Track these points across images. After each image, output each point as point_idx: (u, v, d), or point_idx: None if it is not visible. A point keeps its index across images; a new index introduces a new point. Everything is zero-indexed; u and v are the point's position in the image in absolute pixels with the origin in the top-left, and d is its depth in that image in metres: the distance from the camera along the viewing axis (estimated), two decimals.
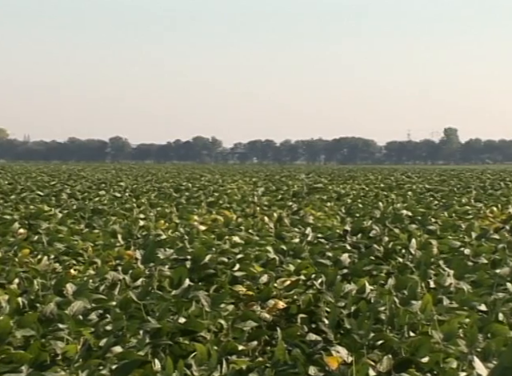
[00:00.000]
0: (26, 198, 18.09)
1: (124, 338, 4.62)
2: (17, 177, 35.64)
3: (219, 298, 5.23)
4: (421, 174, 48.72)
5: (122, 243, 9.15)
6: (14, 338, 4.57)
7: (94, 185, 27.22)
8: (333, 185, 28.70)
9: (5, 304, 5.32)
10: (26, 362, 4.19)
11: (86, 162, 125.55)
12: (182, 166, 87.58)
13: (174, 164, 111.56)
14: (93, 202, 17.27)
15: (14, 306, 5.33)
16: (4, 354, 4.26)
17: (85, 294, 5.58)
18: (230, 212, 13.90)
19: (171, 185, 27.63)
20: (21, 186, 25.28)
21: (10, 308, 5.29)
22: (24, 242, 8.99)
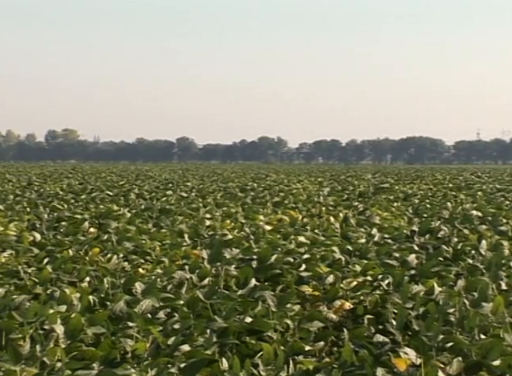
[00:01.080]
0: (96, 197, 18.40)
1: (191, 337, 4.66)
2: (87, 177, 36.27)
3: (285, 298, 5.23)
4: (491, 173, 47.90)
5: (189, 243, 9.24)
6: (86, 336, 4.66)
7: (162, 185, 27.52)
8: (399, 185, 28.43)
9: (76, 302, 5.43)
10: (97, 359, 4.27)
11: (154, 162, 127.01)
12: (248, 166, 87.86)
13: (240, 164, 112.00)
14: (160, 201, 17.47)
15: (85, 304, 5.43)
16: (76, 351, 4.34)
17: (153, 292, 5.65)
18: (296, 212, 13.89)
19: (237, 185, 27.75)
20: (91, 186, 25.72)
21: (82, 306, 5.39)
22: (94, 240, 9.15)
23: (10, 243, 8.75)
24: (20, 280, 6.62)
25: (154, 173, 45.60)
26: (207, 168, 65.40)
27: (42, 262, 7.44)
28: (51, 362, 4.18)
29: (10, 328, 4.64)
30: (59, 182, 29.84)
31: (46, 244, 8.81)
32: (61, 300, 5.51)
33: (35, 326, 4.75)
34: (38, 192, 21.33)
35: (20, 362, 4.03)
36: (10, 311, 4.94)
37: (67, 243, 8.90)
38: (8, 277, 6.67)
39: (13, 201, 17.07)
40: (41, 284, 6.39)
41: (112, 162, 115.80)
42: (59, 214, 12.87)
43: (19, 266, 7.04)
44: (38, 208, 14.65)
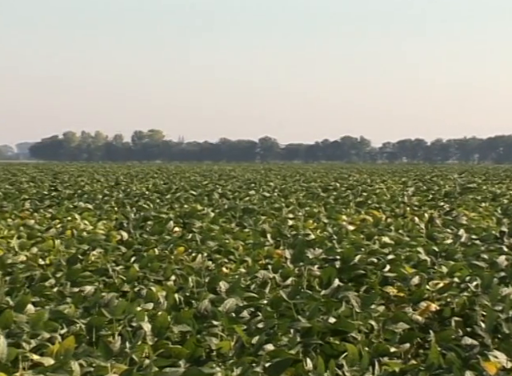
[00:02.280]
0: (180, 197, 18.63)
1: (275, 337, 4.68)
2: (172, 177, 36.76)
3: (369, 299, 5.20)
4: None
5: (272, 242, 9.26)
6: (172, 333, 4.73)
7: (244, 184, 27.67)
8: (487, 185, 27.85)
9: (163, 300, 5.52)
10: (183, 357, 4.33)
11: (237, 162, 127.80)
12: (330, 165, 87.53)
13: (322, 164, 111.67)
14: (243, 201, 17.57)
15: (171, 302, 5.52)
16: (163, 349, 4.41)
17: (237, 291, 5.70)
18: (379, 212, 13.77)
19: (319, 184, 27.68)
20: (175, 185, 26.05)
21: (168, 304, 5.48)
22: (179, 240, 9.27)
23: (99, 242, 8.95)
24: (109, 278, 6.77)
25: (237, 173, 45.88)
26: (289, 168, 65.42)
27: (130, 261, 7.59)
28: (140, 359, 4.26)
29: (100, 325, 4.75)
30: (145, 181, 30.33)
31: (133, 243, 8.98)
32: (148, 298, 5.61)
33: (124, 323, 4.84)
34: (125, 192, 21.74)
35: (110, 358, 4.12)
36: (100, 308, 5.06)
37: (153, 242, 9.05)
38: (97, 275, 6.82)
39: (101, 200, 17.45)
40: (128, 282, 6.51)
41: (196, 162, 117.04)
42: (145, 214, 13.09)
43: (108, 265, 7.19)
44: (125, 207, 14.94)
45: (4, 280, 6.46)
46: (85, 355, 4.16)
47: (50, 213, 13.43)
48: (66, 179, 32.68)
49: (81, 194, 20.17)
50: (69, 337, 4.39)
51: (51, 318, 4.94)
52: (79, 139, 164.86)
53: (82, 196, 19.10)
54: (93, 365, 4.12)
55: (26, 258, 7.71)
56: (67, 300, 5.70)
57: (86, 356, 4.15)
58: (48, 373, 3.87)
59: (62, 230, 10.38)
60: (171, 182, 29.39)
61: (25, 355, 4.21)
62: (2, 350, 3.96)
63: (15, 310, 5.01)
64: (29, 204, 15.74)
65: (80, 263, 7.44)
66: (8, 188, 23.49)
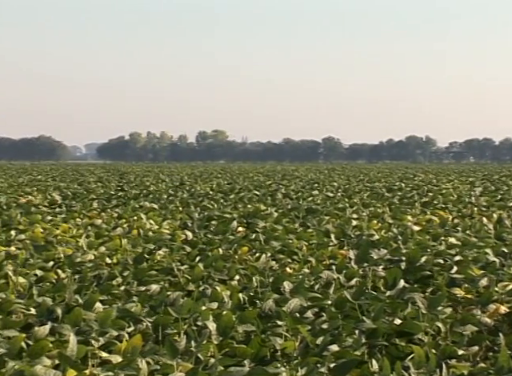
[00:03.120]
0: (243, 197, 18.69)
1: (340, 337, 4.66)
2: (235, 177, 36.91)
3: (436, 301, 5.14)
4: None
5: (336, 243, 9.23)
6: (237, 333, 4.75)
7: (308, 184, 27.62)
8: None
9: (227, 299, 5.55)
10: (247, 357, 4.34)
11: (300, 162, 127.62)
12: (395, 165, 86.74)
13: (386, 164, 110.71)
14: (306, 201, 17.54)
15: (235, 302, 5.54)
16: (228, 348, 4.43)
17: (301, 292, 5.69)
18: (446, 212, 13.59)
19: (383, 185, 27.45)
20: (239, 186, 26.16)
21: (232, 303, 5.50)
22: (243, 239, 9.31)
23: (164, 241, 9.05)
24: (174, 277, 6.83)
25: (300, 173, 45.82)
26: (353, 168, 65.07)
27: (194, 260, 7.65)
28: (205, 358, 4.29)
29: (165, 323, 4.80)
30: (209, 181, 30.52)
31: (198, 242, 9.05)
32: (212, 297, 5.65)
33: (189, 322, 4.88)
34: (189, 192, 21.92)
35: (176, 356, 4.15)
36: (166, 307, 5.11)
37: (217, 242, 9.11)
38: (163, 274, 6.90)
39: (166, 200, 17.62)
40: (193, 281, 6.57)
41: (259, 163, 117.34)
42: (209, 213, 13.18)
43: (173, 264, 7.26)
44: (190, 207, 15.06)
45: (73, 278, 6.58)
46: (151, 353, 4.21)
47: (117, 212, 13.62)
48: (132, 179, 33.10)
49: (146, 193, 20.40)
50: (136, 335, 4.45)
51: (119, 316, 5.01)
52: (145, 140, 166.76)
53: (148, 196, 19.32)
54: (159, 363, 4.16)
55: (94, 256, 7.84)
56: (134, 298, 5.78)
57: (153, 354, 4.20)
58: (116, 370, 3.93)
59: (129, 229, 10.51)
60: (235, 182, 29.52)
61: (94, 352, 4.28)
62: (72, 347, 4.04)
63: (84, 307, 5.10)
64: (96, 204, 16.00)
65: (146, 262, 7.53)
66: (77, 188, 23.91)
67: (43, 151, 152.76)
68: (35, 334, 4.47)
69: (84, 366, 4.07)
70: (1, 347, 4.22)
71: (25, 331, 4.65)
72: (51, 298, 5.59)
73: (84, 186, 25.40)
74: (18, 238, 9.35)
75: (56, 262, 7.44)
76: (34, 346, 4.19)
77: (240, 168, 63.59)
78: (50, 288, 6.10)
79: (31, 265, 7.26)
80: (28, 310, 5.25)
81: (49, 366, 3.97)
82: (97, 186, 25.49)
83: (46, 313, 5.09)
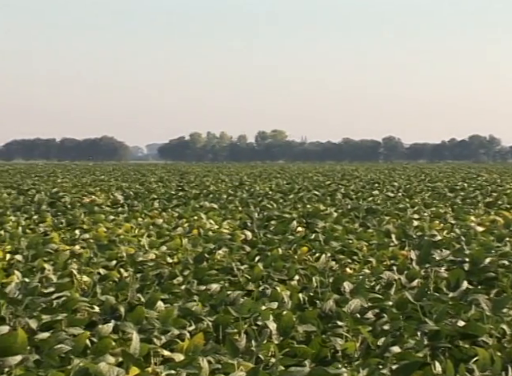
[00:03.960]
0: (303, 197, 18.67)
1: (402, 339, 4.62)
2: (294, 177, 36.88)
3: (501, 303, 5.05)
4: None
5: (396, 243, 9.15)
6: (297, 333, 4.75)
7: (368, 184, 27.45)
8: None
9: (287, 299, 5.55)
10: (308, 357, 4.34)
11: (360, 162, 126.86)
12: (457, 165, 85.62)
13: (448, 163, 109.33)
14: (366, 201, 17.43)
15: (295, 302, 5.54)
16: (288, 348, 4.44)
17: (361, 292, 5.66)
18: (511, 213, 13.36)
19: (446, 184, 27.12)
20: (298, 185, 26.14)
21: (292, 303, 5.50)
22: (302, 239, 9.30)
23: (224, 241, 9.10)
24: (234, 276, 6.86)
25: (360, 173, 45.55)
26: (414, 167, 64.41)
27: (254, 260, 7.67)
28: (265, 357, 4.30)
29: (226, 322, 4.83)
30: (268, 181, 30.56)
31: (257, 242, 9.07)
32: (272, 297, 5.66)
33: (249, 322, 4.90)
34: (248, 191, 21.98)
35: (237, 355, 4.17)
36: (226, 306, 5.14)
37: (277, 242, 9.11)
38: (223, 273, 6.93)
39: (226, 200, 17.71)
40: (253, 281, 6.58)
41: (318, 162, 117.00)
42: (269, 213, 13.20)
43: (233, 263, 7.30)
44: (249, 207, 15.11)
45: (135, 277, 6.66)
46: (212, 352, 4.23)
47: (178, 212, 13.74)
48: (192, 179, 33.35)
49: (206, 193, 20.53)
50: (197, 334, 4.48)
51: (180, 314, 5.06)
52: (205, 140, 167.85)
53: (208, 196, 19.44)
54: (220, 362, 4.18)
55: (155, 256, 7.92)
56: (194, 298, 5.82)
57: (214, 353, 4.22)
58: (178, 368, 3.96)
59: (189, 229, 10.60)
60: (294, 182, 29.50)
61: (156, 351, 4.33)
62: (135, 345, 4.09)
63: (146, 306, 5.16)
64: (157, 203, 16.16)
65: (206, 262, 7.58)
66: (138, 188, 24.19)
67: (106, 152, 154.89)
68: (99, 332, 4.54)
69: (146, 364, 4.12)
70: (66, 344, 4.30)
71: (89, 329, 4.73)
72: (114, 296, 5.67)
73: (145, 186, 25.68)
74: (82, 238, 9.51)
75: (119, 260, 7.54)
76: (97, 344, 4.26)
77: (299, 168, 63.51)
78: (113, 286, 6.19)
79: (95, 263, 7.37)
80: (92, 308, 5.33)
81: (112, 363, 4.03)
82: (158, 186, 25.74)
83: (110, 311, 5.17)
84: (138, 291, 5.84)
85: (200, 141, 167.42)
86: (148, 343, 4.40)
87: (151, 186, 26.38)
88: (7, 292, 5.42)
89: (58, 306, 5.33)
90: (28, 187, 23.92)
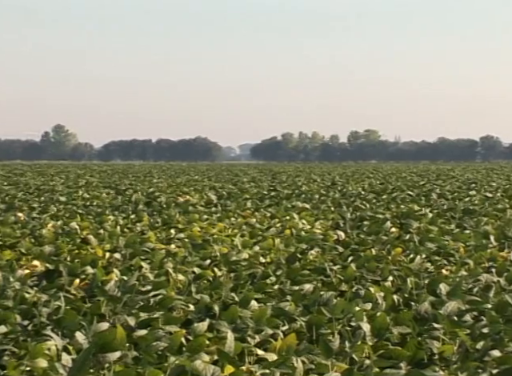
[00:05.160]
0: (396, 197, 18.46)
1: (502, 343, 4.51)
2: (388, 177, 36.51)
3: None
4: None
5: (495, 245, 8.95)
6: (391, 335, 4.70)
7: (464, 185, 26.92)
8: None
9: (381, 300, 5.50)
10: (403, 359, 4.28)
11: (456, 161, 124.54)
12: None
13: None
14: (463, 202, 17.10)
15: (389, 303, 5.48)
16: (383, 350, 4.39)
17: (458, 294, 5.55)
18: None
19: None
20: (392, 186, 25.86)
21: (386, 305, 5.45)
22: (396, 240, 9.19)
23: (316, 241, 9.08)
24: (326, 277, 6.84)
25: (456, 172, 44.72)
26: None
27: (347, 260, 7.63)
28: (360, 359, 4.27)
29: (319, 323, 4.81)
30: (361, 181, 30.35)
31: (350, 242, 9.02)
32: (366, 298, 5.61)
33: (343, 323, 4.88)
34: (341, 192, 21.89)
35: (331, 356, 4.16)
36: (319, 307, 5.13)
37: (370, 242, 9.04)
38: (315, 273, 6.92)
39: (318, 200, 17.67)
40: (346, 281, 6.55)
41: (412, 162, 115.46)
42: (362, 214, 13.11)
43: (325, 264, 7.27)
44: (342, 207, 15.04)
45: (229, 276, 6.71)
46: (306, 352, 4.23)
47: (270, 212, 13.79)
48: (284, 179, 33.42)
49: (298, 193, 20.54)
50: (290, 334, 4.48)
51: (273, 314, 5.07)
52: (297, 140, 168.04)
53: (300, 196, 19.44)
54: (314, 362, 4.18)
55: (248, 255, 7.97)
56: (287, 297, 5.83)
57: (307, 353, 4.22)
58: (272, 368, 3.98)
59: (281, 229, 10.62)
60: (387, 182, 29.19)
61: (250, 350, 4.35)
62: (229, 343, 4.13)
63: (240, 305, 5.20)
64: (250, 203, 16.26)
65: (299, 262, 7.58)
66: (231, 188, 24.40)
67: (199, 152, 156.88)
68: (194, 330, 4.60)
69: (241, 363, 4.15)
70: (163, 342, 4.37)
71: (184, 327, 4.80)
72: (209, 295, 5.73)
73: (238, 186, 25.88)
74: (177, 237, 9.65)
75: (213, 260, 7.62)
76: (193, 342, 4.32)
77: (392, 168, 62.82)
78: (208, 285, 6.26)
79: (189, 262, 7.47)
80: (187, 307, 5.41)
81: (207, 361, 4.08)
82: (250, 186, 25.90)
83: (204, 309, 5.23)
84: (232, 290, 5.88)
85: (292, 141, 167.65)
86: (242, 342, 4.43)
87: (244, 185, 26.56)
88: (107, 290, 5.55)
89: (154, 304, 5.43)
90: (125, 187, 24.43)
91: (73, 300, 5.47)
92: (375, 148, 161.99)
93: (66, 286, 6.02)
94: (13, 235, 9.78)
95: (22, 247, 8.52)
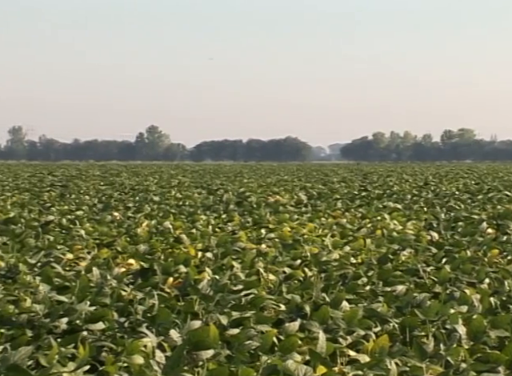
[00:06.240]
0: (493, 198, 18.05)
1: None
2: (483, 177, 35.75)
3: None
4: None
5: None
6: (489, 338, 4.59)
7: None
8: None
9: (477, 303, 5.38)
10: (502, 363, 4.18)
11: None
12: None
13: None
14: None
15: (486, 306, 5.36)
16: (479, 353, 4.30)
17: None
18: None
19: None
20: (487, 186, 25.31)
21: (483, 307, 5.33)
22: (492, 242, 8.99)
23: (409, 242, 8.97)
24: (419, 278, 6.74)
25: None
26: None
27: (441, 262, 7.50)
28: (455, 362, 4.19)
29: (413, 325, 4.75)
30: (455, 181, 29.80)
31: (444, 243, 8.86)
32: (461, 300, 5.50)
33: (437, 325, 4.80)
34: (434, 192, 21.55)
35: (425, 359, 4.10)
36: (412, 308, 5.06)
37: (464, 243, 8.87)
38: (408, 275, 6.83)
39: (410, 200, 17.45)
40: (440, 283, 6.44)
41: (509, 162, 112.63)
42: (456, 214, 12.87)
43: (418, 265, 7.17)
44: (435, 208, 14.80)
45: (320, 277, 6.69)
46: (399, 354, 4.18)
47: (361, 212, 13.69)
48: (375, 179, 33.13)
49: (390, 194, 20.32)
50: (383, 335, 4.44)
51: (365, 315, 5.03)
52: (388, 140, 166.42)
53: (391, 196, 19.23)
54: (407, 364, 4.12)
55: (338, 256, 7.93)
56: (379, 299, 5.77)
57: (401, 355, 4.17)
58: (365, 369, 3.94)
59: (372, 229, 10.53)
60: (483, 182, 28.58)
61: (342, 351, 4.33)
62: (321, 344, 4.11)
63: (331, 306, 5.17)
64: (340, 203, 16.18)
65: (390, 263, 7.50)
66: (321, 188, 24.33)
67: (289, 152, 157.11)
68: (286, 330, 4.60)
69: (333, 364, 4.13)
70: (255, 341, 4.39)
71: (276, 327, 4.81)
72: (299, 295, 5.72)
73: (328, 186, 25.79)
74: (267, 237, 9.68)
75: (303, 260, 7.61)
76: (284, 342, 4.32)
77: (488, 167, 61.46)
78: (298, 285, 6.26)
79: (280, 262, 7.48)
80: (278, 307, 5.42)
81: (299, 361, 4.07)
82: (340, 186, 25.78)
83: (295, 309, 5.22)
84: (323, 291, 5.86)
85: (383, 140, 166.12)
86: (333, 343, 4.41)
87: (334, 186, 26.45)
88: (200, 288, 5.61)
89: (246, 303, 5.46)
90: (217, 187, 24.67)
91: (167, 298, 5.55)
92: (470, 147, 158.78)
93: (160, 285, 6.12)
94: (109, 234, 10.00)
95: (118, 246, 8.70)
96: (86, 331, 4.73)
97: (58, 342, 4.44)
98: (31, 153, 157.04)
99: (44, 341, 4.52)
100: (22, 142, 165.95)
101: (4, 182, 28.67)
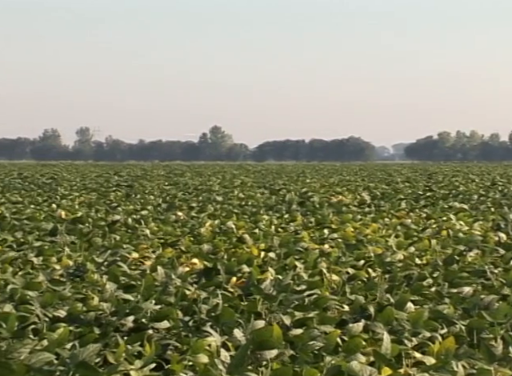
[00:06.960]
0: None
1: None
2: None
3: None
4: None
5: None
6: None
7: None
8: None
9: None
10: None
11: None
12: None
13: None
14: None
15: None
16: None
17: None
18: None
19: None
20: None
21: None
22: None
23: (475, 243, 8.82)
24: (487, 280, 6.62)
25: None
26: None
27: (509, 263, 7.36)
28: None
29: (480, 327, 4.67)
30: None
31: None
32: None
33: (506, 327, 4.70)
34: (501, 192, 21.17)
35: (493, 361, 4.02)
36: (480, 310, 4.97)
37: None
38: (475, 276, 6.72)
39: (477, 200, 17.17)
40: (508, 285, 6.31)
41: None
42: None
43: (485, 266, 7.05)
44: (503, 208, 14.53)
45: (384, 277, 6.63)
46: (466, 357, 4.11)
47: (425, 213, 13.53)
48: (441, 179, 32.70)
49: (455, 194, 20.04)
50: (449, 337, 4.37)
51: (431, 317, 4.96)
52: (454, 139, 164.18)
53: (457, 196, 18.96)
54: (475, 367, 4.05)
55: (403, 256, 7.85)
56: (445, 300, 5.69)
57: (468, 358, 4.10)
58: (431, 371, 3.89)
59: (438, 230, 10.39)
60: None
61: (407, 352, 4.28)
62: (386, 345, 4.07)
63: (395, 307, 5.12)
64: (404, 204, 16.01)
65: (456, 264, 7.38)
66: (384, 188, 24.13)
67: (352, 152, 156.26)
68: (350, 331, 4.57)
69: (398, 365, 4.08)
70: (318, 341, 4.37)
71: (339, 327, 4.77)
72: (363, 296, 5.68)
73: (392, 186, 25.55)
74: (330, 237, 9.64)
75: (366, 260, 7.55)
76: (349, 343, 4.29)
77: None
78: (362, 286, 6.21)
79: (343, 263, 7.44)
80: (342, 307, 5.38)
81: (364, 362, 4.04)
82: (404, 186, 25.52)
83: (359, 310, 5.18)
84: (387, 292, 5.80)
85: (449, 140, 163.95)
86: (398, 344, 4.35)
87: (398, 186, 26.20)
88: (263, 288, 5.61)
89: (309, 303, 5.43)
90: (279, 187, 24.67)
91: (230, 298, 5.57)
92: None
93: (224, 284, 6.14)
94: (173, 234, 10.09)
95: (182, 245, 8.77)
96: (152, 329, 4.77)
97: (124, 339, 4.49)
98: (98, 153, 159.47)
99: (111, 338, 4.57)
100: (89, 142, 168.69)
101: (72, 181, 29.18)
